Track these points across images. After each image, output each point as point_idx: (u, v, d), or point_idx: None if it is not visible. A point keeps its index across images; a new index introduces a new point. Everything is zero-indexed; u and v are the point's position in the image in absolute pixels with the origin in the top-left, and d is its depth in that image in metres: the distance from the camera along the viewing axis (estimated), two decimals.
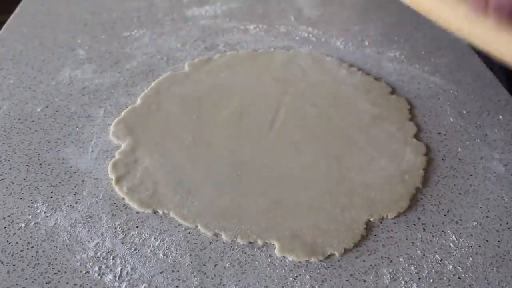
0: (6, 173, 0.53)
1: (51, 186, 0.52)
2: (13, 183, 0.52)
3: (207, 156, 0.55)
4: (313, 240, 0.47)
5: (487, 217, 0.50)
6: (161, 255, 0.46)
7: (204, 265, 0.45)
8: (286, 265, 0.45)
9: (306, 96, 0.64)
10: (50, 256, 0.46)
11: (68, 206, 0.50)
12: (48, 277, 0.44)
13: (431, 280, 0.45)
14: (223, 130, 0.58)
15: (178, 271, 0.45)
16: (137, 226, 0.48)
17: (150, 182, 0.52)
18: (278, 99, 0.63)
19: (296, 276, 0.45)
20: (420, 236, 0.48)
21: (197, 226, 0.48)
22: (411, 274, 0.45)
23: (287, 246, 0.47)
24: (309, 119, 0.61)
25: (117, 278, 0.44)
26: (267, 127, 0.59)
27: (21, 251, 0.46)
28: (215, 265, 0.45)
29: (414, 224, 0.49)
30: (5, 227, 0.48)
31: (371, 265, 0.46)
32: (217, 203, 0.50)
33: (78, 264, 0.45)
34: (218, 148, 0.56)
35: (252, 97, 0.64)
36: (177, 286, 0.44)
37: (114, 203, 0.50)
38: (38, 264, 0.45)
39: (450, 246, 0.47)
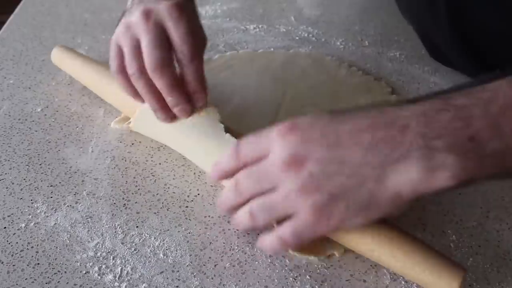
0: (6, 173, 0.53)
1: (51, 186, 0.52)
2: (13, 183, 0.52)
3: None
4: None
5: (487, 217, 0.50)
6: (161, 255, 0.46)
7: (204, 265, 0.45)
8: (286, 265, 0.45)
9: (306, 96, 0.64)
10: (50, 256, 0.46)
11: (68, 206, 0.50)
12: (48, 277, 0.44)
13: None
14: None
15: (178, 271, 0.45)
16: (137, 226, 0.48)
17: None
18: (278, 99, 0.63)
19: (296, 276, 0.45)
20: (420, 236, 0.48)
21: None
22: None
23: None
24: None
25: (117, 278, 0.44)
26: (267, 127, 0.59)
27: (21, 251, 0.46)
28: (215, 265, 0.45)
29: (414, 224, 0.49)
30: (5, 227, 0.48)
31: (371, 265, 0.46)
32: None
33: (78, 264, 0.45)
34: None
35: (252, 97, 0.64)
36: (177, 286, 0.44)
37: (114, 203, 0.50)
38: (38, 264, 0.45)
39: (450, 246, 0.47)
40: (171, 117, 0.52)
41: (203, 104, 0.52)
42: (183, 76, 0.51)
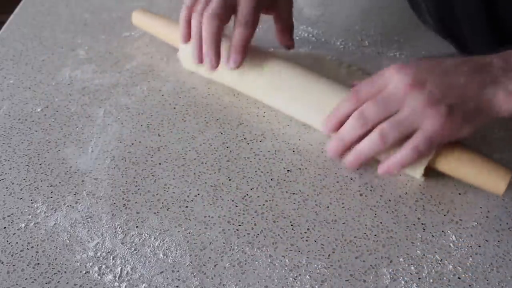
0: (6, 173, 0.53)
1: (51, 186, 0.52)
2: (13, 183, 0.52)
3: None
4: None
5: (487, 217, 0.50)
6: (161, 255, 0.46)
7: (204, 265, 0.45)
8: (286, 265, 0.45)
9: None
10: (50, 256, 0.46)
11: (68, 206, 0.50)
12: (48, 277, 0.44)
13: (431, 280, 0.45)
14: None
15: (178, 271, 0.45)
16: (137, 226, 0.48)
17: None
18: None
19: (296, 276, 0.45)
20: (420, 236, 0.48)
21: None
22: (411, 274, 0.45)
23: None
24: None
25: (117, 278, 0.44)
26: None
27: (21, 251, 0.46)
28: (215, 265, 0.45)
29: (414, 224, 0.49)
30: (5, 227, 0.48)
31: (371, 265, 0.46)
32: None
33: (78, 264, 0.45)
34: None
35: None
36: (177, 286, 0.44)
37: (114, 203, 0.50)
38: (38, 264, 0.45)
39: (450, 246, 0.47)
40: (200, 62, 0.60)
41: (235, 67, 0.59)
42: (232, 36, 0.58)
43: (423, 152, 0.49)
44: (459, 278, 0.45)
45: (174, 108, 0.62)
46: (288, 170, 0.54)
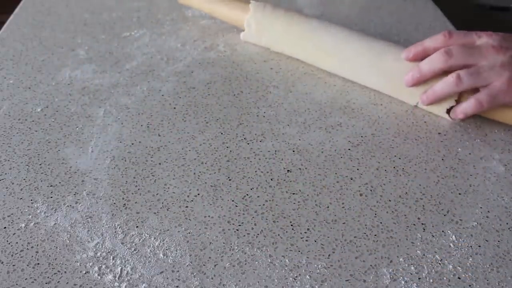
0: (6, 173, 0.53)
1: (51, 186, 0.52)
2: (13, 183, 0.52)
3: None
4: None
5: (487, 217, 0.50)
6: (161, 255, 0.46)
7: (204, 265, 0.45)
8: (286, 265, 0.45)
9: None
10: (50, 256, 0.46)
11: (68, 206, 0.50)
12: (48, 277, 0.44)
13: (431, 280, 0.45)
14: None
15: (178, 271, 0.45)
16: (137, 226, 0.48)
17: None
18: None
19: (296, 276, 0.45)
20: (420, 236, 0.48)
21: None
22: (411, 274, 0.45)
23: None
24: None
25: (117, 278, 0.44)
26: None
27: (21, 251, 0.46)
28: (215, 265, 0.45)
29: (414, 224, 0.49)
30: (5, 227, 0.48)
31: (371, 265, 0.46)
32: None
33: (78, 264, 0.45)
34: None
35: None
36: (177, 286, 0.44)
37: (114, 203, 0.50)
38: (38, 264, 0.45)
39: (450, 246, 0.47)
40: None
41: None
42: None
43: (484, 106, 0.55)
44: (459, 278, 0.45)
45: (174, 108, 0.62)
46: (288, 170, 0.54)
